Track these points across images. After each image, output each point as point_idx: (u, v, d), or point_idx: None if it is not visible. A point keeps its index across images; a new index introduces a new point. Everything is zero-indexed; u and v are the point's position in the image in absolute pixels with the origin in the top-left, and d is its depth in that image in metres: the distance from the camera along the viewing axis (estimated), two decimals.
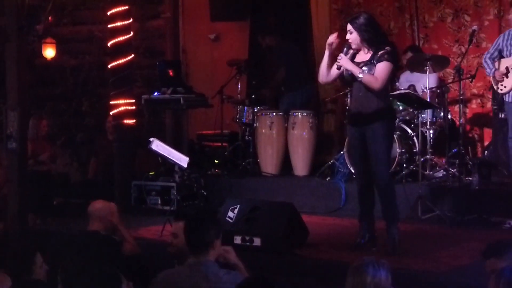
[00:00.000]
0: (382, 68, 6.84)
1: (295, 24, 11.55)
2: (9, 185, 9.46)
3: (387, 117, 7.11)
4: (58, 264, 5.13)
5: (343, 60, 6.91)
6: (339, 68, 6.97)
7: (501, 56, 8.77)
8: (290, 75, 10.78)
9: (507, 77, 8.63)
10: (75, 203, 9.97)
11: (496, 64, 8.74)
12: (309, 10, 11.39)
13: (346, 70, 6.99)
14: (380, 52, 6.87)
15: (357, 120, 7.13)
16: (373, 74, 6.82)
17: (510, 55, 8.66)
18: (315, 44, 11.40)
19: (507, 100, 8.75)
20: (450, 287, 5.69)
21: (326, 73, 7.16)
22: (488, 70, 8.89)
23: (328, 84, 10.57)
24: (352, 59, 7.01)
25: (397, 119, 9.07)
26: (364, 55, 7.01)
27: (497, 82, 8.75)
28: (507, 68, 8.61)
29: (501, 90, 8.73)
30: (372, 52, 6.93)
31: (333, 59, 7.06)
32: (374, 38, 6.97)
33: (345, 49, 6.98)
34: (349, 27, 6.98)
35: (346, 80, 7.20)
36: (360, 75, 6.81)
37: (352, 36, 6.94)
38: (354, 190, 8.84)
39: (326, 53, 7.10)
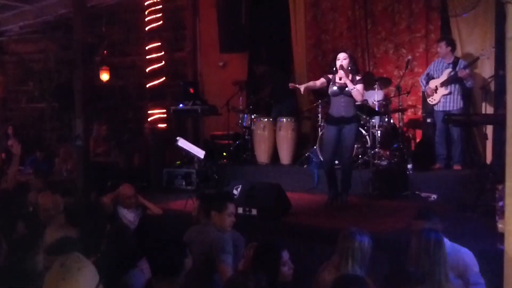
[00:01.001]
0: (362, 87, 7.47)
1: (281, 54, 11.52)
2: (76, 171, 9.48)
3: (357, 121, 7.76)
4: None
5: (344, 76, 7.39)
6: (340, 79, 7.45)
7: (431, 77, 8.80)
8: (276, 92, 10.79)
9: (436, 92, 8.68)
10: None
11: (429, 83, 8.78)
12: (290, 44, 11.38)
13: (332, 86, 7.52)
14: (357, 78, 7.45)
15: (338, 122, 7.51)
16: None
17: (438, 77, 8.70)
18: (295, 69, 11.41)
19: (436, 109, 8.79)
20: (391, 244, 5.65)
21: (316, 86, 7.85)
22: (423, 87, 8.97)
23: (304, 98, 10.77)
24: (334, 78, 7.55)
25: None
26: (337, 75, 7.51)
27: (428, 96, 8.80)
28: (436, 86, 8.66)
29: (431, 102, 8.78)
30: (351, 76, 7.43)
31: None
32: (354, 66, 7.59)
33: (341, 70, 7.41)
34: (345, 55, 7.52)
35: (333, 94, 7.54)
36: (354, 89, 7.32)
37: (346, 61, 7.46)
38: (323, 175, 8.93)
39: (311, 83, 7.89)
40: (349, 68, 7.46)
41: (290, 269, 4.15)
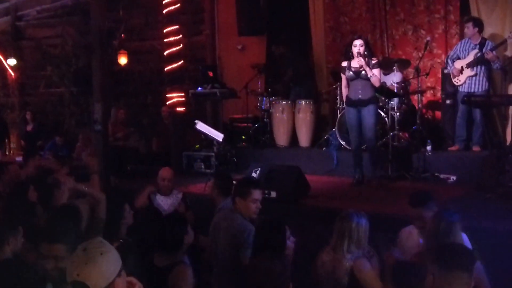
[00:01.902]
0: (379, 72, 7.91)
1: (299, 37, 11.55)
2: (96, 156, 9.61)
3: (375, 102, 8.01)
4: None
5: (364, 63, 7.72)
6: (361, 67, 7.75)
7: (458, 57, 8.79)
8: (295, 75, 10.85)
9: (461, 73, 8.66)
10: (142, 168, 10.11)
11: (455, 63, 8.77)
12: (309, 26, 11.42)
13: (348, 71, 7.90)
14: (373, 62, 7.82)
15: (356, 104, 7.92)
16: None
17: (464, 58, 8.67)
18: (314, 52, 11.46)
19: (461, 90, 8.74)
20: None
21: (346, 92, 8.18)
22: (448, 67, 8.94)
23: (323, 81, 10.86)
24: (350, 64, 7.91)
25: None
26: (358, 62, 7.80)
27: (454, 77, 8.77)
28: (462, 67, 8.65)
29: (457, 82, 8.75)
30: (366, 60, 7.73)
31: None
32: (370, 51, 7.95)
33: (360, 56, 7.73)
34: (361, 41, 7.85)
35: (350, 78, 7.93)
36: (372, 76, 7.73)
37: (363, 48, 7.77)
38: (343, 157, 9.10)
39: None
40: (365, 53, 7.77)
41: (292, 242, 4.35)
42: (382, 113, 9.12)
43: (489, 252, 4.73)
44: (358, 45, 7.81)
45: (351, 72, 7.90)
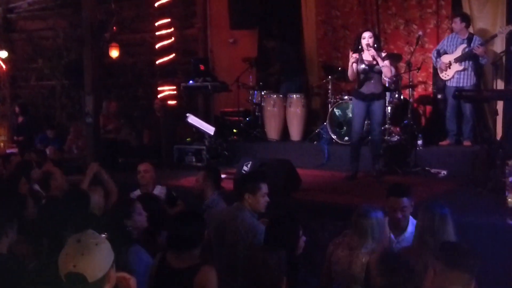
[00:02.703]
0: (389, 63, 7.87)
1: (291, 31, 11.48)
2: (87, 148, 9.55)
3: (385, 97, 8.14)
4: None
5: (375, 53, 7.69)
6: (373, 58, 7.70)
7: (444, 53, 8.78)
8: (286, 68, 10.79)
9: (449, 68, 8.66)
10: (134, 161, 10.03)
11: (442, 58, 8.76)
12: (300, 20, 11.36)
13: (361, 64, 7.78)
14: (383, 54, 7.81)
15: (367, 98, 7.85)
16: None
17: (451, 52, 8.68)
18: (305, 45, 11.41)
19: (449, 84, 8.77)
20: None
21: (354, 74, 7.96)
22: (434, 62, 8.95)
23: (314, 75, 10.83)
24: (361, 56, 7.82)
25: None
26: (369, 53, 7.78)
27: (442, 71, 8.78)
28: (449, 61, 8.64)
29: (444, 77, 8.77)
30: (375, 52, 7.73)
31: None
32: (379, 44, 8.00)
33: (370, 47, 7.71)
34: (370, 34, 7.84)
35: (363, 70, 7.82)
36: (384, 66, 7.73)
37: (372, 40, 7.78)
38: (334, 151, 9.06)
39: (354, 66, 7.88)
40: (375, 45, 7.76)
41: (303, 242, 4.17)
42: None
43: (478, 246, 4.68)
44: (367, 37, 7.77)
45: (363, 65, 7.80)
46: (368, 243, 4.20)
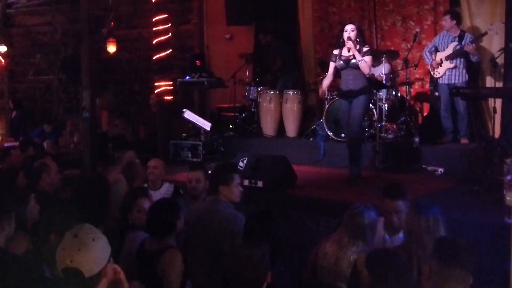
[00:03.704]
0: (370, 59, 7.27)
1: (287, 27, 11.35)
2: (83, 143, 9.42)
3: (367, 93, 7.40)
4: None
5: (352, 46, 7.16)
6: (349, 50, 7.22)
7: (436, 50, 8.69)
8: (282, 64, 10.68)
9: (441, 66, 8.56)
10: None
11: (433, 56, 8.67)
12: (297, 16, 11.23)
13: (339, 61, 7.32)
14: (365, 49, 7.23)
15: (347, 95, 7.33)
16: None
17: (443, 50, 8.59)
18: (302, 42, 11.30)
19: (440, 82, 8.70)
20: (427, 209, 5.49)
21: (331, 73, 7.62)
22: (427, 60, 8.85)
23: (311, 71, 10.69)
24: (341, 52, 7.38)
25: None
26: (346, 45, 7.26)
27: (433, 69, 8.69)
28: (441, 59, 8.54)
29: (436, 75, 8.69)
30: (358, 47, 7.21)
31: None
32: (362, 38, 7.37)
33: (349, 41, 7.17)
34: (352, 26, 7.28)
35: (340, 67, 7.36)
36: (362, 62, 7.11)
37: (354, 33, 7.22)
38: (330, 147, 8.93)
39: (332, 64, 7.53)
40: (357, 40, 7.23)
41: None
42: (370, 105, 8.96)
43: (475, 244, 4.55)
44: (349, 30, 7.24)
45: (341, 62, 7.32)
46: (359, 243, 4.09)
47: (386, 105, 8.97)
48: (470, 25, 8.90)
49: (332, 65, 7.52)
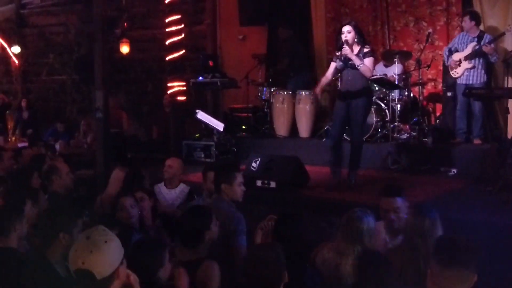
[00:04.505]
0: (371, 61, 6.93)
1: (300, 27, 11.36)
2: (96, 143, 9.47)
3: (367, 95, 7.13)
4: None
5: (348, 52, 6.84)
6: (340, 57, 6.92)
7: (456, 50, 8.63)
8: (294, 64, 10.67)
9: (459, 65, 8.50)
10: (143, 156, 9.99)
11: (453, 56, 8.62)
12: (310, 17, 11.24)
13: (338, 62, 7.00)
14: (365, 50, 6.90)
15: (345, 97, 7.05)
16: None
17: (462, 50, 8.51)
18: (315, 42, 11.29)
19: (459, 82, 8.59)
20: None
21: (330, 73, 7.32)
22: (445, 60, 8.78)
23: (324, 71, 10.66)
24: (342, 52, 6.97)
25: (374, 97, 9.00)
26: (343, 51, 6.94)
27: (452, 69, 8.62)
28: (459, 59, 8.48)
29: (454, 75, 8.59)
30: (359, 48, 6.91)
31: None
32: (362, 38, 7.01)
33: (345, 45, 6.84)
34: (349, 28, 6.91)
35: (340, 67, 7.06)
36: (361, 65, 6.81)
37: (350, 35, 6.89)
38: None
39: (332, 64, 7.22)
40: (355, 40, 6.92)
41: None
42: (383, 105, 9.00)
43: (487, 245, 4.62)
44: (345, 32, 6.88)
45: (340, 62, 7.00)
46: (357, 248, 3.98)
47: (398, 106, 8.96)
48: (483, 26, 8.86)
49: (332, 65, 7.25)
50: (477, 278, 2.97)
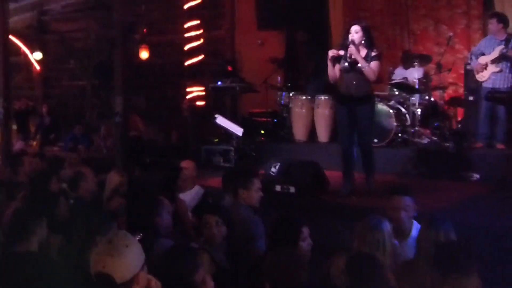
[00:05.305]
0: (377, 65, 6.65)
1: (318, 31, 11.28)
2: (115, 148, 9.49)
3: (371, 100, 6.96)
4: None
5: (354, 51, 6.56)
6: (350, 57, 6.58)
7: (482, 54, 8.43)
8: (313, 68, 10.61)
9: (485, 69, 8.31)
10: (162, 161, 9.94)
11: (479, 59, 8.42)
12: (328, 21, 11.16)
13: (343, 62, 6.68)
14: (373, 53, 6.64)
15: (348, 102, 6.76)
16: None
17: (489, 54, 8.30)
18: (333, 46, 11.14)
19: (484, 86, 8.39)
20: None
21: (334, 74, 6.83)
22: (472, 63, 8.57)
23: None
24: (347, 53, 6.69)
25: (393, 101, 8.94)
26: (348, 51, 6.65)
27: (478, 72, 8.41)
28: (486, 63, 8.29)
29: (480, 78, 8.38)
30: (366, 51, 6.66)
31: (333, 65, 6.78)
32: (370, 39, 6.76)
33: (351, 45, 6.57)
34: (357, 28, 6.65)
35: (345, 70, 6.71)
36: (366, 67, 6.54)
37: (358, 35, 6.63)
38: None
39: (329, 64, 6.77)
40: (362, 42, 6.67)
41: (309, 246, 3.99)
42: (403, 109, 8.88)
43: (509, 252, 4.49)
44: (353, 32, 6.62)
45: (346, 63, 6.66)
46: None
47: (419, 110, 8.83)
48: None
49: (337, 66, 6.81)
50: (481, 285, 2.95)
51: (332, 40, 11.17)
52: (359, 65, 6.58)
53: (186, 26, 10.92)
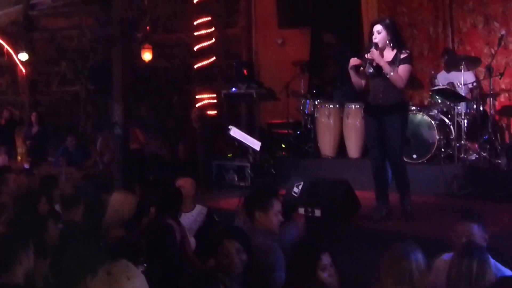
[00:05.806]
0: (405, 69, 6.65)
1: (349, 29, 11.36)
2: (114, 163, 9.59)
3: (402, 110, 6.93)
4: None
5: (376, 55, 6.56)
6: (371, 62, 6.57)
7: None
8: (342, 73, 10.65)
9: None
10: (166, 178, 10.01)
11: None
12: (360, 17, 11.23)
13: (369, 68, 6.66)
14: (402, 55, 6.64)
15: (376, 112, 6.83)
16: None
17: None
18: (365, 48, 11.27)
19: None
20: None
21: (361, 83, 6.91)
22: None
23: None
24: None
25: (436, 110, 8.98)
26: (385, 55, 6.68)
27: None
28: None
29: None
30: (394, 53, 6.67)
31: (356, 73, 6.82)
32: (397, 39, 6.74)
33: (373, 48, 6.58)
34: (379, 27, 6.64)
35: (371, 76, 6.73)
36: (391, 73, 6.55)
37: (380, 36, 6.62)
38: None
39: (351, 73, 6.83)
40: (388, 42, 6.67)
41: (332, 277, 3.95)
42: (447, 120, 8.91)
43: None
44: (375, 32, 6.62)
45: (371, 69, 6.63)
46: None
47: (465, 121, 8.84)
48: None
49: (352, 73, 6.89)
50: None
51: (364, 41, 11.27)
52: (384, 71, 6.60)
53: (195, 23, 11.02)
